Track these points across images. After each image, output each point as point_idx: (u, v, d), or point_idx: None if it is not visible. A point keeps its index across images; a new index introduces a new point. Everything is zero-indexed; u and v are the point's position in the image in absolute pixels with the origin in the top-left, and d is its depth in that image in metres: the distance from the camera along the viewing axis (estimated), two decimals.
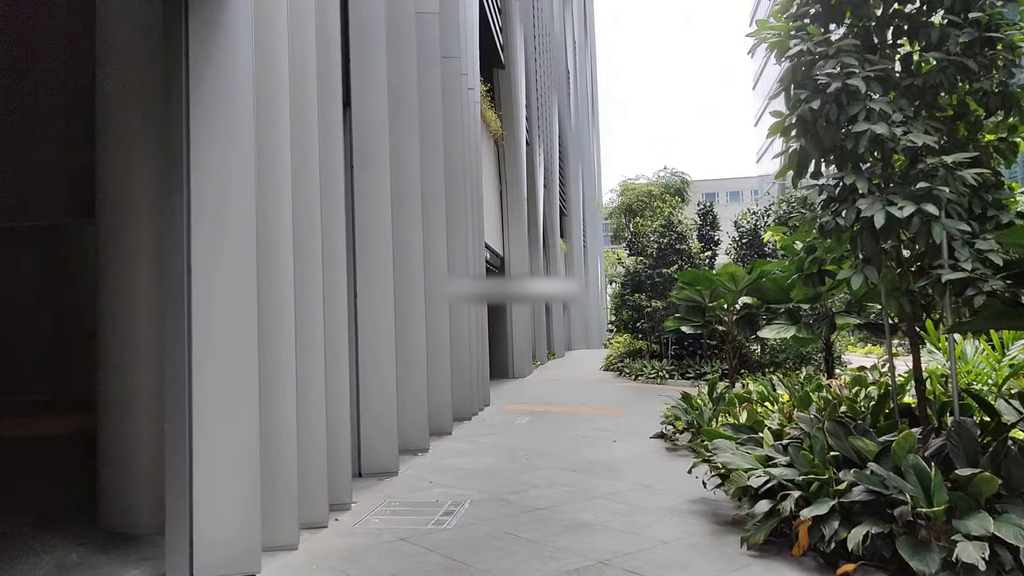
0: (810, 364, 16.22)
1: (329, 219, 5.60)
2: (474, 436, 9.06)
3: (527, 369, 19.75)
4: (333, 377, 5.55)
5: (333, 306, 5.56)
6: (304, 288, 4.98)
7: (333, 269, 5.62)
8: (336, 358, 5.61)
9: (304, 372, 4.96)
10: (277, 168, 4.63)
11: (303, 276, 4.98)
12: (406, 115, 8.23)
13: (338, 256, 5.69)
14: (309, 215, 5.08)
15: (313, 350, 5.06)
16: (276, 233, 4.58)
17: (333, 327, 5.54)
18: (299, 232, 4.95)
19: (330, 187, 5.65)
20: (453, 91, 11.32)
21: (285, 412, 4.58)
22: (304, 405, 4.95)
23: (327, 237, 5.54)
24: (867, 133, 4.17)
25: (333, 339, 5.55)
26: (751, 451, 4.83)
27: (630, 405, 12.24)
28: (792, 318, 9.17)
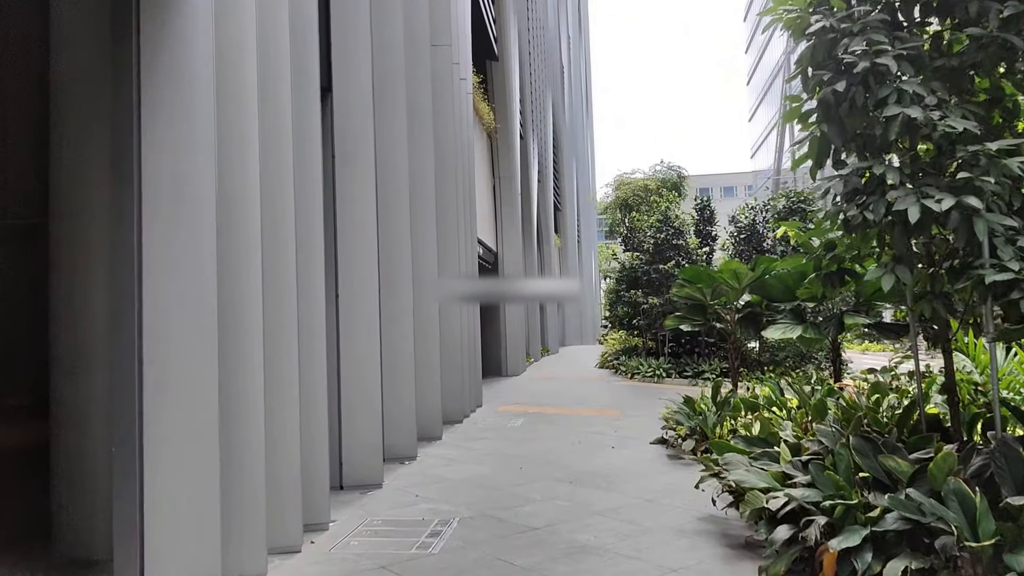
0: (810, 363, 15.86)
1: (305, 214, 5.15)
2: (465, 441, 8.63)
3: (521, 367, 19.33)
4: (309, 384, 5.11)
5: (309, 307, 5.12)
6: (275, 288, 4.53)
7: (309, 267, 5.17)
8: (312, 363, 5.16)
9: (275, 380, 4.52)
10: (243, 160, 4.17)
11: (274, 275, 4.54)
12: (393, 103, 7.77)
13: (314, 253, 5.23)
14: (280, 210, 4.63)
15: (285, 355, 4.61)
16: (241, 229, 4.13)
17: (308, 329, 5.10)
18: (269, 228, 4.50)
19: (306, 180, 5.20)
20: (444, 80, 10.86)
21: (251, 425, 4.14)
22: (274, 416, 4.51)
23: (302, 233, 5.09)
24: (899, 118, 3.75)
25: (308, 342, 5.11)
26: (766, 467, 4.41)
27: (627, 406, 11.84)
28: (798, 317, 8.74)
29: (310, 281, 5.17)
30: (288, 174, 4.67)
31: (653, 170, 21.36)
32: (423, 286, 8.92)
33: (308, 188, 5.22)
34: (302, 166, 5.15)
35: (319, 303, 5.23)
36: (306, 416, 5.06)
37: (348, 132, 6.54)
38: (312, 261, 5.19)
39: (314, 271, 5.21)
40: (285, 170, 4.64)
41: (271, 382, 4.47)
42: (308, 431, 5.09)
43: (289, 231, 4.66)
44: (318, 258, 5.27)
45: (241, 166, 4.12)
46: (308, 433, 5.09)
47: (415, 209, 8.84)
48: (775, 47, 74.89)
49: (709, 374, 15.88)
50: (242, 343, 4.06)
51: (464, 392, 10.72)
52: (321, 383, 5.25)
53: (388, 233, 7.67)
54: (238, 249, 4.07)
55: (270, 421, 4.43)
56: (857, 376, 8.57)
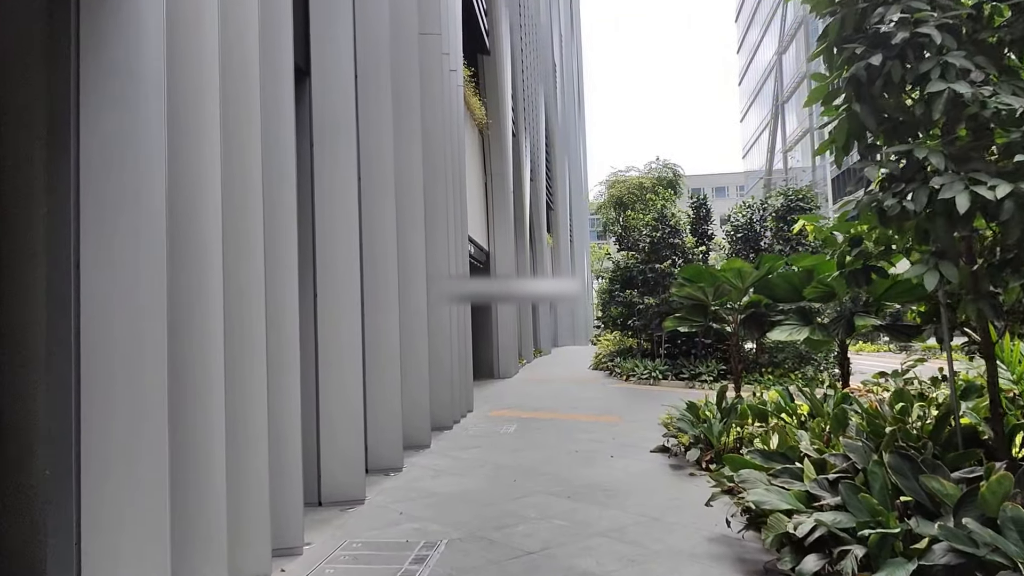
0: (809, 364, 15.48)
1: (275, 207, 4.68)
2: (454, 450, 8.16)
3: (513, 368, 18.87)
4: (280, 391, 4.64)
5: (280, 306, 4.64)
6: (238, 285, 4.05)
7: (280, 264, 4.69)
8: (283, 368, 4.68)
9: (238, 387, 4.04)
10: (200, 146, 3.68)
11: (237, 271, 4.06)
12: (377, 90, 7.29)
13: (286, 249, 4.75)
14: (246, 202, 4.15)
15: (250, 359, 4.13)
16: (198, 223, 3.64)
17: (279, 331, 4.62)
18: (232, 222, 4.03)
19: (277, 167, 4.72)
20: (433, 71, 10.39)
21: (209, 437, 3.66)
22: (238, 427, 4.04)
23: (273, 228, 4.62)
24: (944, 94, 3.31)
25: (279, 345, 4.63)
26: (787, 484, 3.97)
27: (625, 411, 11.39)
28: (804, 318, 8.33)
29: (281, 278, 4.69)
30: (254, 159, 4.19)
31: (648, 168, 20.93)
32: (410, 285, 8.46)
33: (279, 176, 4.75)
34: (272, 151, 4.68)
35: (291, 302, 4.75)
36: (277, 426, 4.60)
37: (327, 119, 6.07)
38: (283, 256, 4.71)
39: (285, 267, 4.73)
40: (250, 154, 4.16)
41: (234, 389, 4.00)
42: (279, 443, 4.62)
43: (255, 223, 4.18)
44: (290, 253, 4.79)
45: (196, 148, 3.64)
46: (279, 445, 4.62)
47: (401, 203, 8.36)
48: (767, 48, 74.79)
49: (707, 376, 15.48)
50: (197, 344, 3.58)
51: (454, 396, 10.26)
52: (294, 389, 4.77)
53: (372, 228, 7.20)
54: (192, 241, 3.59)
55: (233, 433, 3.96)
56: (868, 380, 8.14)
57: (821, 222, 5.29)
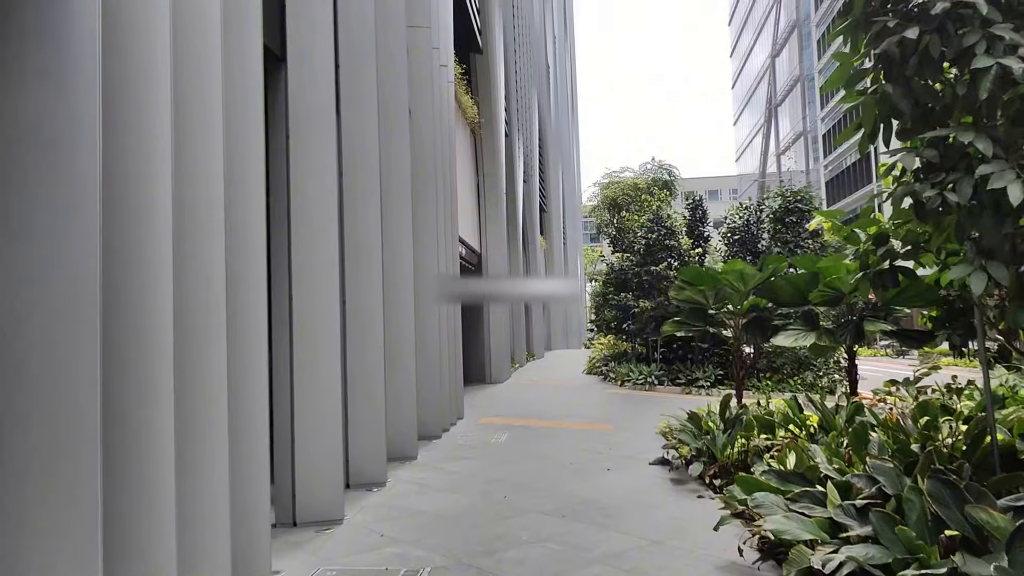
0: (808, 370, 15.11)
1: (243, 201, 4.25)
2: (443, 462, 7.73)
3: (505, 373, 18.44)
4: (246, 400, 4.20)
5: (247, 307, 4.21)
6: (193, 283, 3.62)
7: (247, 261, 4.26)
8: (250, 375, 4.25)
9: (192, 394, 3.60)
10: (146, 135, 3.24)
11: (193, 268, 3.62)
12: (361, 81, 6.87)
13: (253, 246, 4.31)
14: (206, 198, 3.71)
15: (208, 365, 3.68)
16: (144, 217, 3.21)
17: (245, 334, 4.19)
18: (189, 220, 3.60)
19: (243, 158, 4.29)
20: (422, 65, 9.97)
21: (154, 452, 3.21)
22: (192, 438, 3.60)
23: (237, 223, 4.18)
24: (992, 71, 2.92)
25: (245, 350, 4.20)
26: (808, 510, 3.56)
27: (620, 418, 10.98)
28: (809, 323, 7.94)
29: (249, 278, 4.26)
30: (212, 149, 3.76)
31: (643, 169, 20.56)
32: (397, 288, 8.03)
33: (247, 168, 4.32)
34: (238, 141, 4.25)
35: (258, 303, 4.31)
36: (241, 435, 4.17)
37: (305, 109, 5.64)
38: (250, 257, 4.28)
39: (251, 268, 4.29)
40: (208, 144, 3.73)
41: (188, 397, 3.56)
42: (243, 454, 4.19)
43: (215, 222, 3.74)
44: (258, 251, 4.35)
45: (140, 137, 3.21)
46: (243, 457, 4.19)
47: (388, 201, 7.95)
48: (759, 52, 74.77)
49: (703, 381, 15.10)
50: (137, 346, 3.14)
51: (443, 403, 9.82)
52: (261, 399, 4.34)
53: (355, 227, 6.77)
54: (135, 233, 3.15)
55: (186, 446, 3.53)
56: (879, 390, 7.76)
57: (840, 219, 4.88)
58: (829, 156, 50.97)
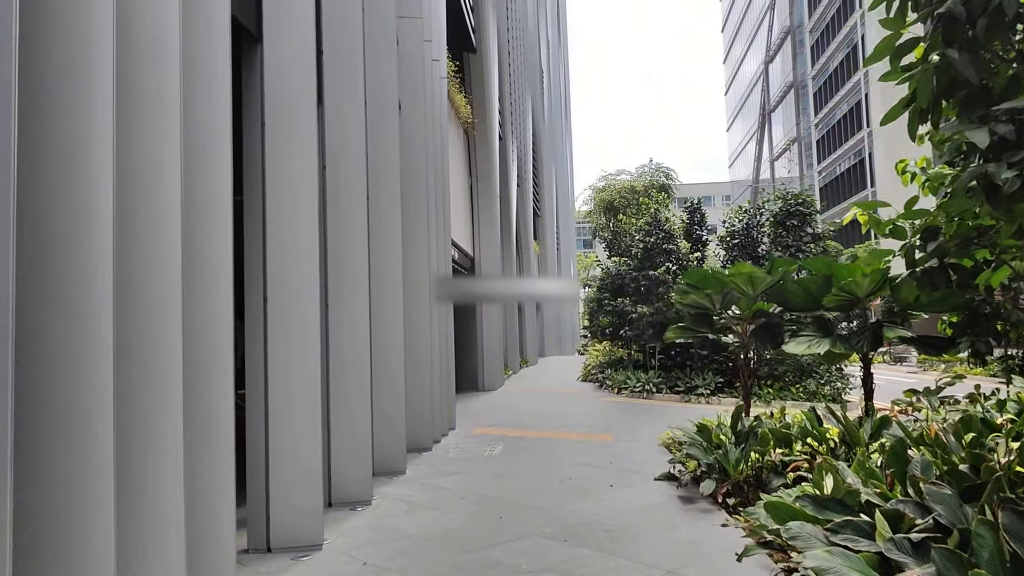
0: (811, 377, 14.68)
1: (204, 194, 3.77)
2: (433, 477, 7.23)
3: (499, 381, 17.94)
4: (203, 411, 3.72)
5: (209, 310, 3.72)
6: (141, 290, 3.13)
7: (211, 261, 3.77)
8: (214, 386, 3.76)
9: (134, 406, 3.11)
10: (76, 117, 2.76)
11: (142, 274, 3.14)
12: (346, 67, 6.41)
13: (217, 243, 3.83)
14: (159, 190, 3.23)
15: (160, 374, 3.19)
16: (77, 216, 2.73)
17: (206, 342, 3.70)
18: (132, 214, 3.12)
19: (210, 150, 3.81)
20: (413, 57, 9.51)
21: (91, 472, 2.72)
22: (140, 453, 3.11)
23: (199, 220, 3.70)
24: None
25: (207, 359, 3.71)
26: (852, 543, 3.09)
27: (620, 428, 10.50)
28: (823, 329, 7.49)
29: (211, 279, 3.77)
30: (171, 142, 3.28)
31: (640, 171, 20.13)
32: (384, 292, 7.54)
33: (213, 159, 3.83)
34: (202, 128, 3.77)
35: (222, 307, 3.82)
36: (201, 453, 3.68)
37: (283, 95, 5.16)
38: (211, 255, 3.79)
39: (212, 268, 3.80)
40: (164, 136, 3.25)
41: (131, 406, 3.07)
42: (203, 475, 3.70)
43: (165, 214, 3.26)
44: (223, 250, 3.87)
45: (72, 114, 2.72)
46: (203, 477, 3.70)
47: (376, 198, 7.47)
48: (751, 60, 74.79)
49: (703, 389, 14.65)
50: (71, 365, 2.65)
51: (434, 413, 9.32)
52: (225, 410, 3.85)
53: (339, 225, 6.29)
54: (65, 233, 2.67)
55: (130, 459, 3.04)
56: (900, 400, 7.31)
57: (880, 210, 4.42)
58: (823, 162, 50.84)
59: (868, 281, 7.02)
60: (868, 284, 7.03)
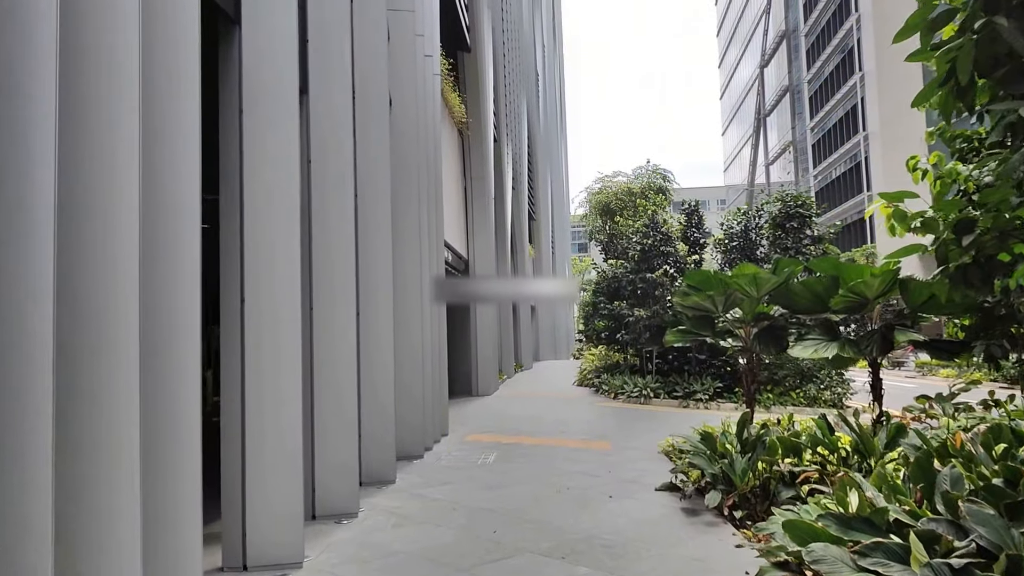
0: (811, 382, 14.40)
1: (165, 186, 3.45)
2: (424, 487, 6.90)
3: (493, 385, 17.60)
4: (172, 423, 3.40)
5: (166, 315, 3.39)
6: (89, 291, 2.81)
7: (171, 259, 3.45)
8: (181, 393, 3.44)
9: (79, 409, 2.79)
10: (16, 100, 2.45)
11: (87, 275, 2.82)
12: (331, 58, 6.10)
13: (183, 241, 3.50)
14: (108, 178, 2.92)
15: (113, 380, 2.88)
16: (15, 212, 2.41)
17: (169, 348, 3.38)
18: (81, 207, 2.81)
19: (173, 139, 3.49)
20: (404, 51, 9.21)
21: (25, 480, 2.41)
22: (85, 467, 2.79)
23: (158, 214, 3.38)
24: None
25: (171, 363, 3.39)
26: (883, 567, 2.79)
27: (617, 434, 10.19)
28: (830, 332, 7.20)
29: (175, 280, 3.44)
30: (122, 118, 2.96)
31: (636, 173, 19.86)
32: (373, 293, 7.22)
33: (176, 149, 3.52)
34: (167, 116, 3.46)
35: (187, 309, 3.49)
36: (160, 464, 3.36)
37: (263, 82, 4.84)
38: (179, 252, 3.47)
39: (182, 266, 3.48)
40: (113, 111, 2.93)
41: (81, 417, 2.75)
42: (165, 485, 3.38)
43: (121, 206, 2.94)
44: (189, 249, 3.54)
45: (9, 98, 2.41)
46: (165, 488, 3.38)
47: (364, 196, 7.16)
48: (746, 65, 74.81)
49: (701, 394, 14.36)
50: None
51: (426, 419, 9.00)
52: (192, 416, 3.52)
53: (324, 223, 5.98)
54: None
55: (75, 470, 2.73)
56: (913, 407, 7.02)
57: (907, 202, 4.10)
58: (819, 166, 50.73)
59: (878, 282, 6.75)
60: (878, 285, 6.76)
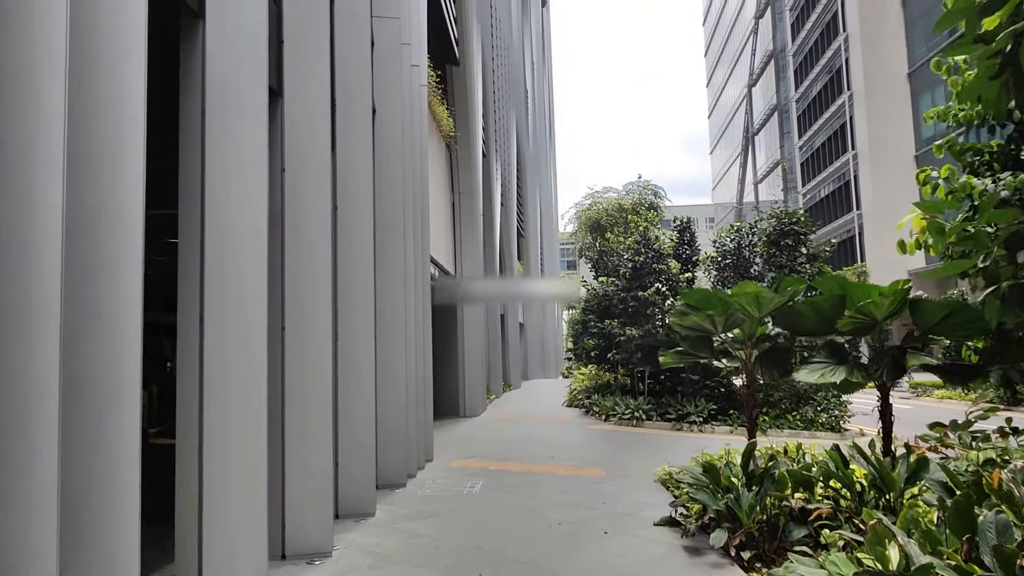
0: (808, 404, 14.01)
1: (102, 195, 3.02)
2: (405, 520, 6.41)
3: (481, 406, 17.10)
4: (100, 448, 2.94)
5: (96, 335, 2.95)
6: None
7: (107, 275, 3.01)
8: (119, 422, 2.98)
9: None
10: None
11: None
12: (309, 58, 5.70)
13: (127, 249, 3.07)
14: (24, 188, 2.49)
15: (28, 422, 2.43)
16: None
17: (96, 368, 2.93)
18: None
19: (107, 144, 3.07)
20: (389, 59, 8.82)
21: None
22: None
23: (91, 224, 2.95)
24: None
25: (100, 387, 2.94)
26: None
27: (610, 461, 9.73)
28: (837, 355, 6.82)
29: (112, 299, 3.00)
30: (43, 119, 2.54)
31: (627, 188, 19.56)
32: (353, 309, 6.77)
33: (117, 151, 3.09)
34: (100, 116, 3.04)
35: (128, 330, 3.04)
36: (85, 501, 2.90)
37: (227, 78, 4.42)
38: (117, 266, 3.03)
39: (122, 284, 3.04)
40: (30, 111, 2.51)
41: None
42: (97, 531, 2.91)
43: (41, 214, 2.51)
44: (130, 260, 3.10)
45: None
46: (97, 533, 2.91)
47: (345, 208, 6.74)
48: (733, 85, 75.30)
49: (695, 417, 13.93)
50: None
51: (410, 444, 8.51)
52: (131, 453, 3.06)
53: (297, 236, 5.54)
54: None
55: None
56: (928, 435, 6.63)
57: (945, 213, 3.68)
58: (807, 185, 50.83)
59: (888, 302, 6.39)
60: (888, 305, 6.40)
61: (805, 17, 51.26)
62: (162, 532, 4.54)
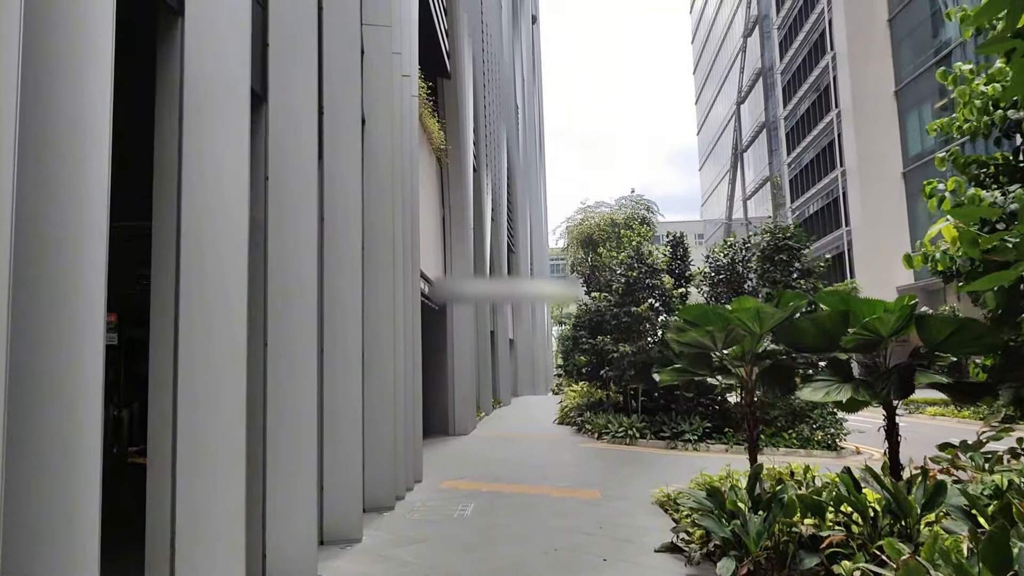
0: (804, 422, 13.78)
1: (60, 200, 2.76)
2: (393, 546, 6.10)
3: (471, 424, 16.77)
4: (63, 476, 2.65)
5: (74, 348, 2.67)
6: None
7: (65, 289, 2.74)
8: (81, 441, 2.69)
9: None
10: None
11: None
12: (296, 62, 5.47)
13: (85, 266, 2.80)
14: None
15: None
16: None
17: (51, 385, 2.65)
18: None
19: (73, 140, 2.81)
20: (379, 68, 8.61)
21: None
22: None
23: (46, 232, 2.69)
24: None
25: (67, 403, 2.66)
26: None
27: (606, 481, 9.44)
28: (841, 372, 6.59)
29: (72, 313, 2.73)
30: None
31: (619, 203, 19.41)
32: (339, 326, 6.50)
33: (77, 152, 2.83)
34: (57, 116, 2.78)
35: (93, 345, 2.77)
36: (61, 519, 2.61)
37: (207, 79, 4.17)
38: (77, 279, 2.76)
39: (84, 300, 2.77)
40: None
41: None
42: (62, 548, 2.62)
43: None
44: (93, 274, 2.83)
45: None
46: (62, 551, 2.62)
47: (332, 219, 6.48)
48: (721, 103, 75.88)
49: (690, 435, 13.67)
50: None
51: (398, 465, 8.19)
52: (93, 470, 2.77)
53: (281, 246, 5.27)
54: None
55: None
56: (940, 457, 6.40)
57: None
58: (796, 201, 51.05)
59: (894, 318, 6.18)
60: (894, 322, 6.19)
61: (793, 36, 51.73)
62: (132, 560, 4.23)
